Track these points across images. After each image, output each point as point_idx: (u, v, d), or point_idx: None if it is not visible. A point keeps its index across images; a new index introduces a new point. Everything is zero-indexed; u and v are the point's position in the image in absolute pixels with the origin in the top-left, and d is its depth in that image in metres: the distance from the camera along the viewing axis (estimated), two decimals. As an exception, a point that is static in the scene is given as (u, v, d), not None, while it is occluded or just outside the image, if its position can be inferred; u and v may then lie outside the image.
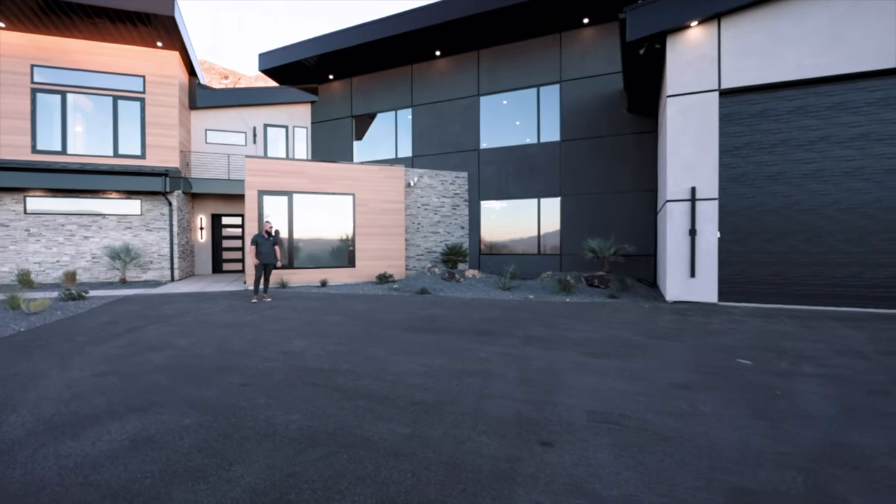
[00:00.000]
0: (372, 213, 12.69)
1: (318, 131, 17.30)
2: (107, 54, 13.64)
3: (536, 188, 13.39)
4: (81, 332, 6.32)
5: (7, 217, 12.54)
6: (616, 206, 12.40)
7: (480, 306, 8.44)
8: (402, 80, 15.52)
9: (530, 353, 4.98)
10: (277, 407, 3.44)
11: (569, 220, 12.96)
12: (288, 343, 5.52)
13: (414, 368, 4.43)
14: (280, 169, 11.87)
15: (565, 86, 12.99)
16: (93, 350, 5.23)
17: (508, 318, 7.13)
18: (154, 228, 13.64)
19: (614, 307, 8.21)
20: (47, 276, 12.77)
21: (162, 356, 4.95)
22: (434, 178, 14.02)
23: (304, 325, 6.70)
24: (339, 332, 6.18)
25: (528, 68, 13.46)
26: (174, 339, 5.81)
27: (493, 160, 14.01)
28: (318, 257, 12.32)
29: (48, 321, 7.19)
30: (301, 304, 8.71)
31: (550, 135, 13.24)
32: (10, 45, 12.95)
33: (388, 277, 12.08)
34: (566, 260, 12.94)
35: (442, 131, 14.85)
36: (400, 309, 8.11)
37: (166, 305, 8.72)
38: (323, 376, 4.19)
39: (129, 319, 7.22)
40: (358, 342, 5.54)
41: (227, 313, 7.76)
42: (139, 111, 13.96)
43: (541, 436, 2.97)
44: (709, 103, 8.25)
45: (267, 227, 9.54)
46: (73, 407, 3.45)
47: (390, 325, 6.58)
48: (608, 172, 12.51)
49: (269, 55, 16.27)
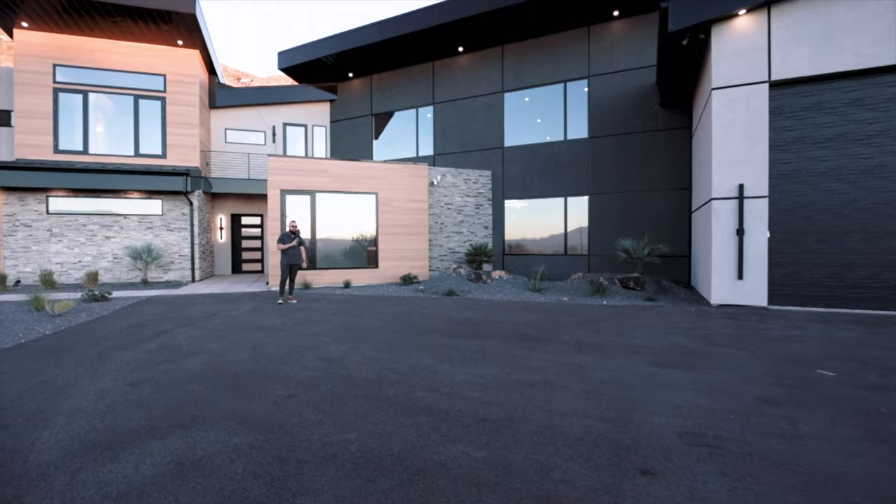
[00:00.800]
0: (395, 212, 12.39)
1: (338, 130, 17.06)
2: (128, 53, 13.54)
3: (563, 187, 12.98)
4: (108, 335, 6.09)
5: (30, 217, 12.47)
6: (647, 205, 11.95)
7: (515, 309, 8.08)
8: (424, 78, 15.22)
9: (587, 362, 4.62)
10: (331, 424, 3.12)
11: (597, 220, 12.53)
12: (325, 349, 5.22)
13: (467, 379, 4.10)
14: (303, 168, 11.63)
15: (594, 81, 12.57)
16: (122, 356, 4.98)
17: (549, 322, 6.76)
18: (175, 228, 13.50)
19: (658, 311, 7.79)
20: (69, 276, 12.68)
21: (195, 362, 4.67)
22: (457, 176, 13.69)
23: (337, 329, 6.40)
24: (376, 337, 5.87)
25: (554, 63, 13.06)
26: (205, 343, 5.54)
27: (518, 158, 13.64)
28: (341, 258, 12.05)
29: (73, 324, 6.99)
30: (329, 307, 8.43)
31: (578, 131, 12.83)
32: (32, 44, 12.90)
33: (413, 279, 11.77)
34: (594, 261, 12.52)
35: (464, 129, 14.51)
36: (433, 312, 7.79)
37: (191, 307, 8.50)
38: (371, 388, 3.87)
39: (156, 322, 7.00)
40: (399, 348, 5.22)
41: (256, 316, 7.50)
42: (160, 110, 13.84)
43: (636, 462, 2.62)
44: (758, 96, 7.80)
45: (292, 227, 9.27)
46: (108, 422, 3.18)
47: (428, 330, 6.26)
48: (639, 170, 12.07)
49: (287, 53, 16.08)
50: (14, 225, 12.34)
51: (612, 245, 12.00)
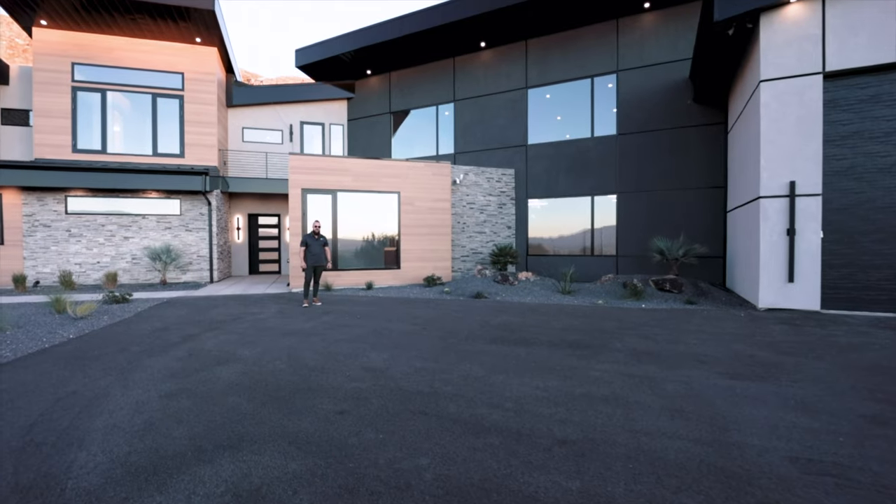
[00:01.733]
0: (417, 212, 12.07)
1: (355, 128, 16.80)
2: (146, 51, 13.38)
3: (589, 185, 12.58)
4: (134, 340, 5.83)
5: (49, 217, 12.34)
6: (678, 204, 11.51)
7: (551, 313, 7.72)
8: (444, 74, 14.89)
9: (653, 374, 4.25)
10: (395, 446, 2.80)
11: (625, 220, 12.12)
12: (364, 356, 4.90)
13: (528, 392, 3.76)
14: (324, 166, 11.35)
15: (623, 76, 12.16)
16: (152, 363, 4.71)
17: (593, 328, 6.39)
18: (193, 229, 13.31)
19: (705, 315, 7.38)
20: (88, 277, 12.53)
21: (230, 371, 4.38)
22: (480, 175, 13.34)
23: (371, 334, 6.09)
24: (415, 343, 5.55)
25: (581, 58, 12.67)
26: (237, 349, 5.26)
27: (542, 156, 13.26)
28: (363, 259, 11.76)
29: (96, 327, 6.76)
30: (356, 310, 8.12)
31: (605, 128, 12.42)
32: (51, 43, 12.79)
33: (436, 280, 11.45)
34: (623, 262, 12.11)
35: (486, 126, 14.16)
36: (466, 316, 7.45)
37: (214, 310, 8.25)
38: (428, 402, 3.54)
39: (181, 326, 6.74)
40: (444, 357, 4.89)
41: (283, 319, 7.22)
42: (178, 109, 13.67)
43: (757, 496, 2.26)
44: (810, 88, 7.36)
45: (316, 227, 8.98)
46: (149, 441, 2.88)
47: (468, 336, 5.92)
48: (670, 168, 11.63)
49: (305, 51, 15.85)
50: (33, 225, 12.21)
51: (642, 246, 11.59)
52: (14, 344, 5.66)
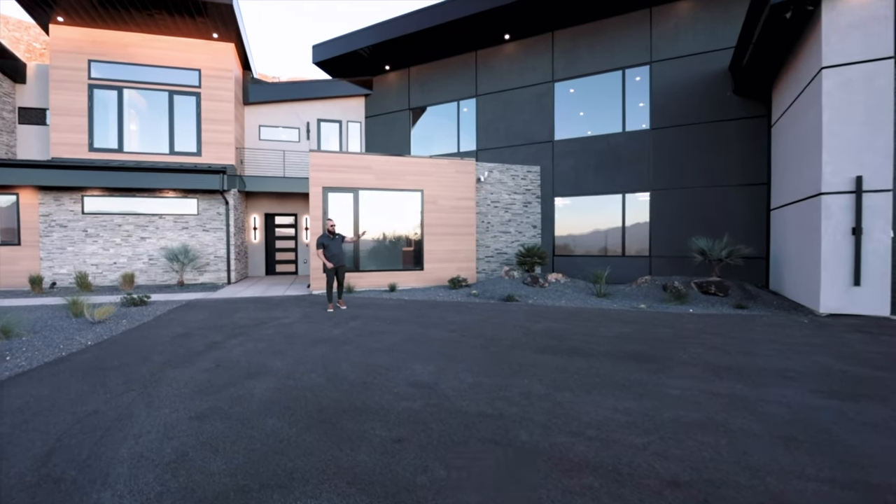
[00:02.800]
0: (441, 211, 11.63)
1: (373, 126, 16.40)
2: (162, 47, 13.10)
3: (620, 182, 12.03)
4: (155, 347, 5.46)
5: (65, 217, 12.10)
6: (717, 202, 10.92)
7: (593, 318, 7.22)
8: (465, 69, 14.42)
9: (741, 392, 3.75)
10: (474, 488, 2.34)
11: (659, 218, 11.54)
12: (408, 369, 4.46)
13: (607, 415, 3.28)
14: (345, 164, 10.95)
15: (656, 67, 11.59)
16: (177, 375, 4.31)
17: (647, 336, 5.88)
18: (210, 229, 13.00)
19: (765, 322, 6.83)
20: (104, 278, 12.27)
21: (263, 386, 3.97)
22: (504, 172, 12.85)
23: (407, 342, 5.65)
24: (458, 353, 5.09)
25: (611, 49, 12.11)
26: (267, 359, 4.85)
27: (570, 152, 12.73)
28: (385, 259, 11.34)
29: (115, 332, 6.40)
30: (384, 314, 7.69)
31: (638, 122, 11.86)
32: (67, 40, 12.55)
33: (461, 282, 10.99)
34: (657, 263, 11.54)
35: (510, 122, 13.66)
36: (504, 321, 6.98)
37: (236, 314, 7.87)
38: (495, 428, 3.08)
39: (203, 331, 6.36)
40: (495, 369, 4.43)
41: (309, 325, 6.81)
42: (195, 106, 13.37)
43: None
44: (880, 74, 6.77)
45: (330, 227, 8.52)
46: (183, 478, 2.46)
47: (513, 344, 5.45)
48: (707, 164, 11.04)
49: (322, 47, 15.47)
50: (50, 225, 11.98)
51: (678, 246, 11.03)
52: (30, 351, 5.31)
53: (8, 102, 13.10)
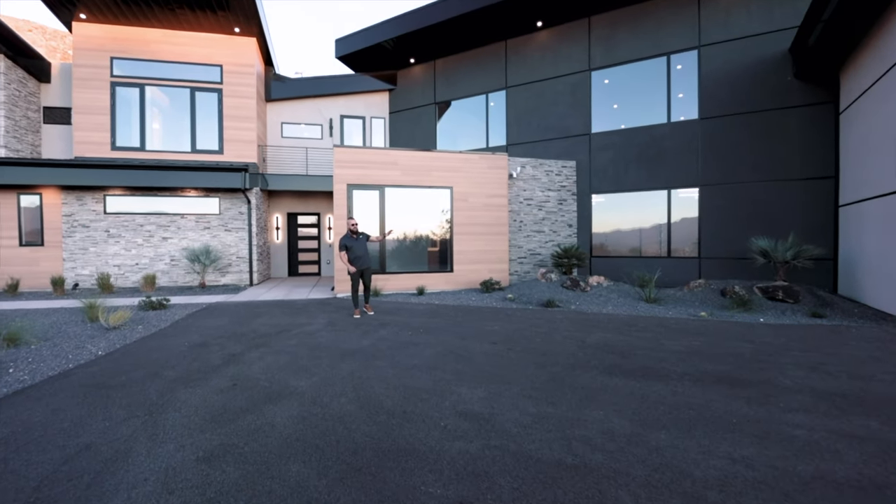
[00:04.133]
0: (472, 209, 10.94)
1: (397, 121, 15.81)
2: (184, 43, 12.78)
3: (665, 177, 11.12)
4: (168, 360, 4.93)
5: (88, 217, 11.87)
6: (776, 197, 9.92)
7: (651, 328, 6.43)
8: (494, 59, 13.69)
9: (883, 433, 2.95)
10: None
11: (710, 216, 10.60)
12: (454, 393, 3.79)
13: (725, 469, 2.53)
14: (371, 159, 10.36)
15: (706, 52, 10.64)
16: (188, 397, 3.75)
17: (725, 352, 5.07)
18: (232, 228, 12.61)
19: (857, 335, 5.92)
20: (126, 279, 12.00)
21: (286, 414, 3.36)
22: (538, 168, 12.08)
23: (447, 357, 4.98)
24: (508, 372, 4.39)
25: (654, 34, 11.21)
26: (289, 378, 4.25)
27: (608, 145, 11.87)
28: (412, 261, 10.72)
29: (128, 340, 5.93)
30: (416, 322, 7.05)
31: (684, 112, 10.93)
32: (90, 37, 12.33)
33: (494, 285, 10.27)
34: (707, 265, 10.60)
35: (543, 114, 12.87)
36: (551, 331, 6.25)
37: (257, 319, 7.35)
38: (583, 486, 2.37)
39: (222, 341, 5.83)
40: (559, 395, 3.72)
41: (335, 333, 6.22)
42: (216, 103, 13.01)
43: None
44: None
45: (352, 226, 7.77)
46: (181, 561, 1.84)
47: (572, 362, 4.72)
48: (766, 156, 10.06)
49: (345, 40, 14.96)
50: (72, 226, 11.77)
51: (731, 246, 10.11)
52: (35, 363, 4.85)
53: (33, 102, 12.98)
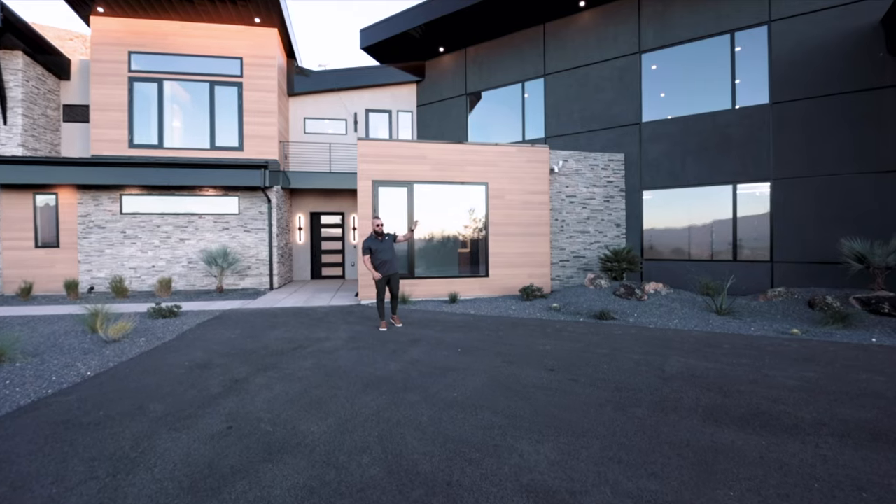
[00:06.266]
0: (509, 207, 9.90)
1: (426, 115, 14.90)
2: (202, 36, 12.18)
3: (729, 170, 9.81)
4: (161, 386, 4.10)
5: (103, 218, 11.38)
6: (871, 192, 8.50)
7: (740, 351, 5.25)
8: (532, 45, 12.60)
9: None
10: None
11: (785, 214, 9.24)
12: (513, 451, 2.77)
13: None
14: (398, 153, 9.46)
15: (777, 26, 9.29)
16: (168, 448, 2.86)
17: (857, 389, 3.88)
18: (252, 229, 11.93)
19: None
20: (142, 282, 11.46)
21: (288, 482, 2.42)
22: (581, 161, 10.93)
23: (495, 390, 3.98)
24: (581, 417, 3.34)
25: (716, 9, 9.91)
26: (299, 417, 3.33)
27: (661, 136, 10.62)
28: (443, 264, 9.76)
29: (125, 357, 5.17)
30: (452, 338, 6.07)
31: (753, 96, 9.60)
32: (107, 31, 11.85)
33: (535, 292, 9.21)
34: (781, 270, 9.25)
35: (586, 103, 11.71)
36: (616, 353, 5.16)
37: (271, 331, 6.52)
38: None
39: (227, 360, 4.99)
40: (661, 461, 2.66)
41: (358, 353, 5.30)
42: (236, 97, 12.36)
43: None
44: None
45: (377, 227, 6.77)
46: None
47: (658, 403, 3.62)
48: (853, 144, 8.66)
49: (371, 30, 14.13)
50: (88, 226, 11.30)
51: (813, 248, 8.79)
52: (11, 387, 4.12)
53: (52, 100, 12.62)
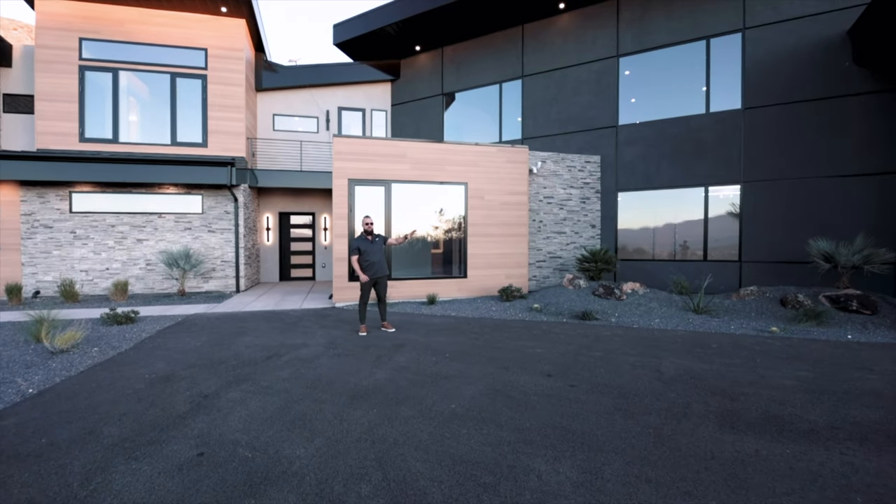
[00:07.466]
0: (488, 207, 9.72)
1: (401, 114, 14.57)
2: (164, 23, 11.41)
3: (702, 173, 9.98)
4: (117, 404, 3.63)
5: (51, 217, 10.47)
6: (832, 194, 8.81)
7: (729, 350, 5.22)
8: (510, 46, 12.50)
9: None
10: None
11: (754, 216, 9.47)
12: (529, 471, 2.52)
13: None
14: (376, 151, 9.11)
15: (751, 34, 9.52)
16: (126, 484, 2.46)
17: (855, 388, 3.86)
18: (217, 229, 11.26)
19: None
20: (95, 286, 10.60)
21: (276, 522, 2.09)
22: (559, 163, 10.89)
23: (495, 399, 3.73)
24: (594, 429, 3.13)
25: (692, 15, 10.08)
26: (281, 439, 2.97)
27: (638, 139, 10.71)
28: (422, 265, 9.47)
29: (74, 371, 4.62)
30: (438, 341, 5.79)
31: (726, 101, 9.80)
32: (55, 14, 10.92)
33: (515, 292, 9.05)
34: (750, 269, 9.46)
35: (563, 105, 11.70)
36: (610, 356, 5.01)
37: (242, 337, 6.05)
38: None
39: (193, 371, 4.53)
40: (690, 477, 2.46)
41: (339, 360, 4.94)
42: (200, 91, 11.66)
43: None
44: None
45: (367, 226, 6.52)
46: None
47: (668, 410, 3.45)
48: (819, 149, 8.95)
49: (345, 25, 13.69)
50: (33, 226, 10.36)
51: (780, 249, 9.04)
52: (-68, 410, 3.54)
53: (-9, 87, 11.56)
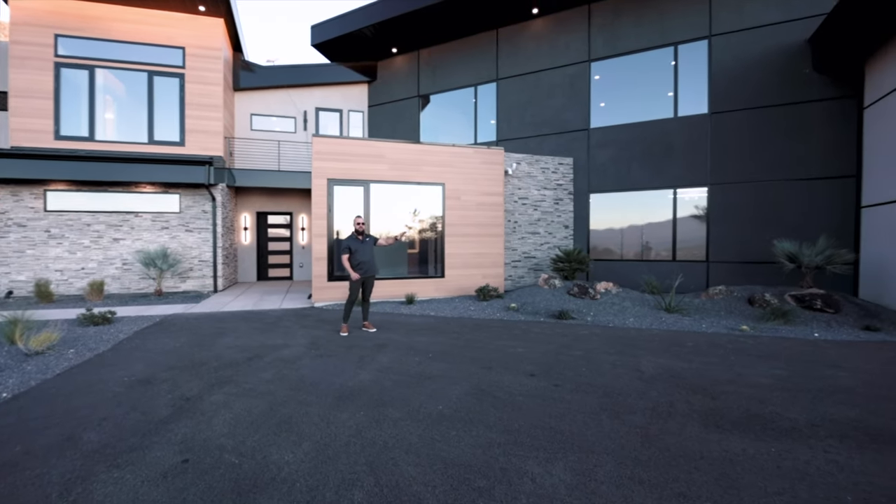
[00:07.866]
0: (465, 207, 9.94)
1: (377, 115, 14.68)
2: (140, 21, 11.29)
3: (671, 175, 10.39)
4: (97, 408, 3.73)
5: (24, 215, 10.30)
6: (793, 197, 9.29)
7: (704, 349, 5.54)
8: (485, 49, 12.73)
9: None
10: None
11: (720, 217, 9.91)
12: (525, 478, 2.67)
13: None
14: (355, 151, 9.23)
15: (717, 42, 9.95)
16: (111, 490, 2.58)
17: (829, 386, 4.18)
18: (194, 229, 11.23)
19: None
20: (70, 286, 10.48)
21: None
22: (534, 164, 11.17)
23: (482, 399, 3.95)
24: (582, 430, 3.36)
25: (661, 22, 10.47)
26: (268, 443, 3.11)
27: (609, 142, 11.07)
28: (400, 265, 9.65)
29: (50, 373, 4.67)
30: (419, 341, 5.98)
31: (693, 106, 10.22)
32: (30, 10, 10.72)
33: (492, 292, 9.30)
34: (717, 269, 9.90)
35: (537, 108, 11.99)
36: (590, 355, 5.27)
37: (222, 338, 6.15)
38: None
39: (174, 373, 4.63)
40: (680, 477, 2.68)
41: (322, 361, 5.09)
42: (178, 89, 11.58)
43: None
44: None
45: (358, 225, 6.59)
46: None
47: (652, 409, 3.66)
48: (781, 153, 9.42)
49: (322, 26, 13.72)
50: (6, 225, 10.18)
51: (745, 249, 9.50)
52: None
53: (-40, 84, 11.27)
